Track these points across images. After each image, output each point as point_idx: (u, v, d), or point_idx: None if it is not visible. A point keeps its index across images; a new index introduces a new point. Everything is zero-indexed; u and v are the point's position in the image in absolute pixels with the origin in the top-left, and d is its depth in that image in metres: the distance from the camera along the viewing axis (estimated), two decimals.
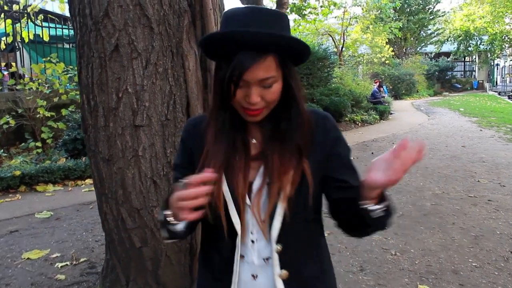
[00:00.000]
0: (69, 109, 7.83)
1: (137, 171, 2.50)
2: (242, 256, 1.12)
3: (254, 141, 1.15)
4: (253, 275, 1.12)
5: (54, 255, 3.93)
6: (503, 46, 33.35)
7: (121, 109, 2.40)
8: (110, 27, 2.30)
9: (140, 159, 2.48)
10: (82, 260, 3.79)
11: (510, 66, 38.79)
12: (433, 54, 37.29)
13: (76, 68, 7.78)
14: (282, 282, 1.10)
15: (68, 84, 8.16)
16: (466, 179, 6.58)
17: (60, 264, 3.71)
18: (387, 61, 24.80)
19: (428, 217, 4.88)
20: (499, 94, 29.67)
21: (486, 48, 34.08)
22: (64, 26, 10.35)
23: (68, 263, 3.74)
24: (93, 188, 6.24)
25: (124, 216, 2.58)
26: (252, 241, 1.11)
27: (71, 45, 10.89)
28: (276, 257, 1.10)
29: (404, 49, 33.87)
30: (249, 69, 1.00)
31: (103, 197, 2.66)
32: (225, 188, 1.09)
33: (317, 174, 1.12)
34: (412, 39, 33.86)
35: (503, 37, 32.64)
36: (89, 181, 6.53)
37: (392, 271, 3.54)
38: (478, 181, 6.45)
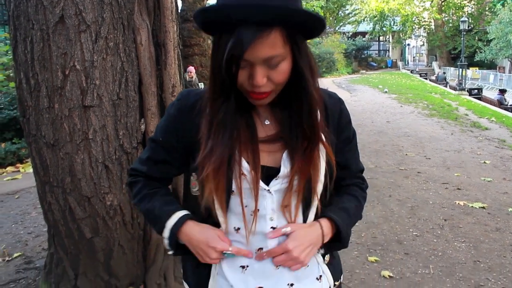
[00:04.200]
0: None
1: (87, 156, 2.27)
2: (260, 248, 1.04)
3: (267, 122, 1.04)
4: None
5: None
6: (414, 27, 35.51)
7: (68, 88, 2.14)
8: None
9: (91, 143, 2.26)
10: (15, 255, 3.46)
11: (420, 46, 41.41)
12: (350, 33, 38.83)
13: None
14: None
15: None
16: (395, 153, 6.93)
17: None
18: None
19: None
20: (411, 72, 31.70)
21: (399, 29, 36.16)
22: None
23: None
24: (16, 176, 5.85)
25: (73, 205, 2.36)
26: (273, 228, 1.04)
27: None
28: None
29: None
30: (251, 46, 0.86)
31: (46, 186, 2.39)
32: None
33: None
34: (331, 18, 34.88)
35: (414, 19, 34.72)
36: (10, 168, 6.01)
37: None
38: (406, 154, 6.82)
